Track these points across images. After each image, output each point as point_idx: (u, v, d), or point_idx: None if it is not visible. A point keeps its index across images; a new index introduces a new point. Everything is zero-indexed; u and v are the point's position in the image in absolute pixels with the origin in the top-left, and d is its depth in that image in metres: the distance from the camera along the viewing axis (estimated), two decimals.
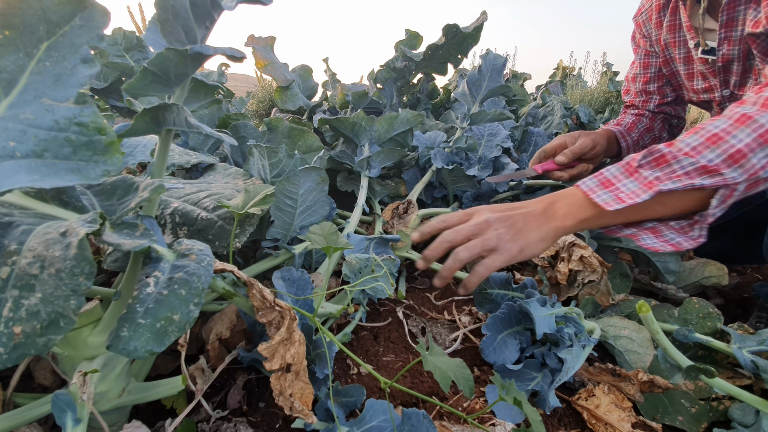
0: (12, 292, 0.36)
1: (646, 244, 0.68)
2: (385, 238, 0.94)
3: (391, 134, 1.25)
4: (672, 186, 0.62)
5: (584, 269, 0.93)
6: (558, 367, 0.76)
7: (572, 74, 3.94)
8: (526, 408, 0.50)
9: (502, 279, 0.92)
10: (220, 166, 0.99)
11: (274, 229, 0.85)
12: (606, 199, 0.65)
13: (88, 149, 0.35)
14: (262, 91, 2.43)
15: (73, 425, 0.44)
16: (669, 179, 0.63)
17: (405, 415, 0.57)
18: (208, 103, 0.72)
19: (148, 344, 0.39)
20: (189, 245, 0.50)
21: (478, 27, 1.52)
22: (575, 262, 0.93)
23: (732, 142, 0.61)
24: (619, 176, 0.67)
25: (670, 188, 0.62)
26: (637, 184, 0.65)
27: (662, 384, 0.70)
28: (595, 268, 0.92)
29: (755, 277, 1.29)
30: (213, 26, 0.56)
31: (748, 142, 0.61)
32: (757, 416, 0.67)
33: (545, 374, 0.76)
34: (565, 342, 0.76)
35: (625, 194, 0.64)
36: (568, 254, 0.95)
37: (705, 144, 0.62)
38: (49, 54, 0.35)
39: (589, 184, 0.69)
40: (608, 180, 0.68)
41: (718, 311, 0.84)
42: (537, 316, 0.76)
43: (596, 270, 0.92)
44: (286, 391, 0.54)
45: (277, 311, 0.56)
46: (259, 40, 1.81)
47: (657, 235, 0.69)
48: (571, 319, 0.80)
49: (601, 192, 0.67)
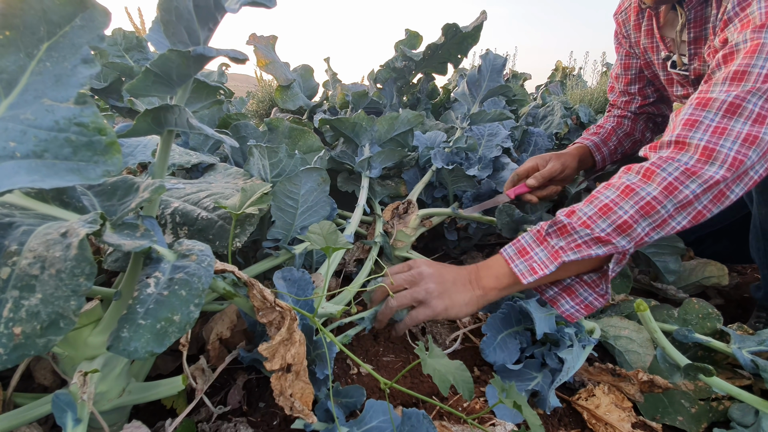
0: (12, 293, 0.36)
1: (563, 310, 0.77)
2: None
3: (392, 134, 1.25)
4: (573, 257, 0.70)
5: None
6: (558, 367, 0.76)
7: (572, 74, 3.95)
8: (526, 411, 0.50)
9: None
10: (220, 166, 0.99)
11: (275, 230, 0.85)
12: (522, 270, 0.73)
13: (88, 150, 0.35)
14: (263, 91, 2.43)
15: (74, 425, 0.44)
16: (570, 249, 0.70)
17: (405, 415, 0.57)
18: (210, 103, 0.72)
19: (148, 345, 0.39)
20: (189, 246, 0.50)
21: (478, 26, 1.52)
22: None
23: (619, 213, 0.68)
24: (532, 244, 0.74)
25: (572, 258, 0.70)
26: (546, 253, 0.72)
27: (662, 384, 0.70)
28: None
29: (755, 277, 1.29)
30: (216, 28, 0.55)
31: (632, 214, 0.67)
32: (756, 416, 0.68)
33: (545, 374, 0.76)
34: (565, 342, 0.76)
35: (537, 264, 0.72)
36: None
37: (598, 214, 0.70)
38: (49, 54, 0.35)
39: (509, 251, 0.76)
40: (524, 248, 0.74)
41: (718, 312, 0.84)
42: (537, 316, 0.77)
43: None
44: (287, 391, 0.54)
45: (277, 311, 0.56)
46: (260, 39, 1.80)
47: (573, 296, 0.77)
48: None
49: (518, 261, 0.74)
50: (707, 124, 0.67)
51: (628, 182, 0.70)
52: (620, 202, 0.68)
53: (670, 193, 0.66)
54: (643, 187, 0.68)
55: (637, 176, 0.70)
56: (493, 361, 0.79)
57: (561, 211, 0.73)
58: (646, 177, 0.69)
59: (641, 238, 0.68)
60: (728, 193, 0.67)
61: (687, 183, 0.65)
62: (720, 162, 0.64)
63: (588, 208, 0.71)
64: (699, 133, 0.67)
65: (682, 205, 0.66)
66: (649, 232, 0.68)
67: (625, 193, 0.69)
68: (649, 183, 0.68)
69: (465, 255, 1.30)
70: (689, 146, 0.67)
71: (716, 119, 0.66)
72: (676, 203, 0.66)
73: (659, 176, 0.67)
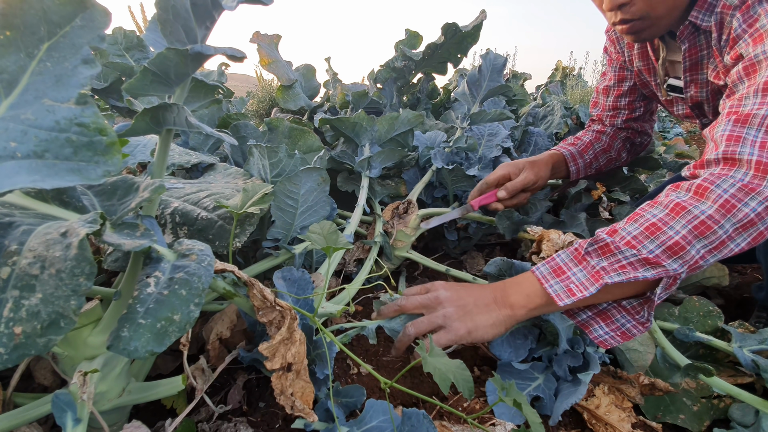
0: (12, 293, 0.36)
1: (596, 335, 0.70)
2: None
3: (392, 134, 1.25)
4: (617, 279, 0.63)
5: None
6: (565, 377, 0.75)
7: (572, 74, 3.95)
8: (526, 409, 0.50)
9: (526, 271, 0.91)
10: (220, 165, 0.99)
11: (275, 229, 0.85)
12: (557, 291, 0.67)
13: (88, 150, 0.35)
14: (263, 91, 2.43)
15: (73, 425, 0.44)
16: (614, 271, 0.64)
17: (405, 415, 0.57)
18: (209, 102, 0.72)
19: (148, 344, 0.39)
20: (189, 245, 0.50)
21: (478, 26, 1.52)
22: None
23: (669, 233, 0.62)
24: (569, 264, 0.68)
25: (615, 281, 0.63)
26: (585, 274, 0.66)
27: (663, 387, 0.70)
28: None
29: (755, 277, 1.29)
30: (213, 26, 0.55)
31: (684, 234, 0.61)
32: (756, 416, 0.67)
33: (548, 377, 0.75)
34: (578, 355, 0.75)
35: (575, 285, 0.66)
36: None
37: (644, 233, 0.63)
38: (50, 54, 0.35)
39: (542, 271, 0.70)
40: (560, 267, 0.68)
41: (719, 310, 0.84)
42: (561, 327, 0.76)
43: None
44: (287, 390, 0.54)
45: (277, 311, 0.56)
46: (264, 38, 1.80)
47: (608, 322, 0.70)
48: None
49: (553, 282, 0.68)
50: (752, 140, 0.63)
51: (678, 200, 0.64)
52: (670, 221, 0.62)
53: (728, 211, 0.60)
54: (697, 205, 0.62)
55: (687, 194, 0.64)
56: (498, 355, 0.78)
57: (601, 230, 0.68)
58: (698, 194, 0.63)
59: (695, 261, 0.62)
60: None
61: (746, 201, 0.60)
62: None
63: (632, 227, 0.65)
64: (747, 148, 0.63)
65: (742, 225, 0.60)
66: (704, 255, 0.62)
67: (676, 211, 0.63)
68: (703, 201, 0.62)
69: (465, 255, 1.30)
70: (740, 162, 0.62)
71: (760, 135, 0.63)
72: (735, 222, 0.60)
73: (714, 193, 0.61)
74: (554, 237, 0.92)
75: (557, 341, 0.78)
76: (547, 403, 0.73)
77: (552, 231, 0.93)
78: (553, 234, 0.92)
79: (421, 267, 1.19)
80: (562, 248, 0.95)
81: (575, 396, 0.69)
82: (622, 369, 0.80)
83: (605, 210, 1.47)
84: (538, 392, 0.74)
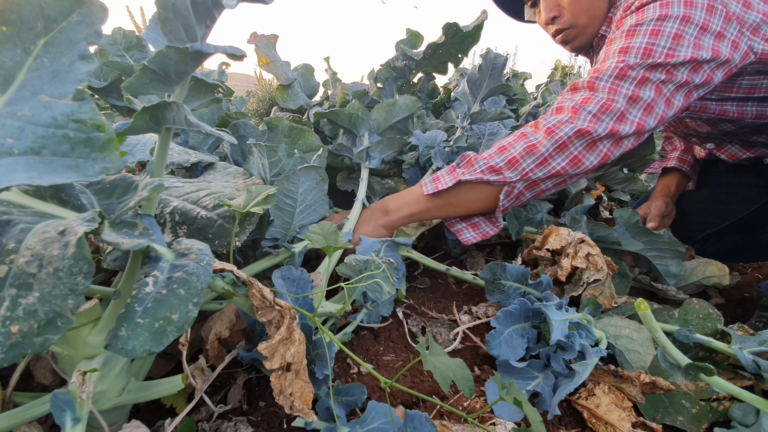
0: (9, 291, 0.36)
1: (464, 237, 0.98)
2: (397, 241, 0.98)
3: (391, 122, 1.23)
4: (469, 177, 0.91)
5: (588, 267, 0.93)
6: (564, 372, 0.75)
7: (572, 73, 3.94)
8: (526, 408, 0.50)
9: (519, 272, 0.92)
10: (219, 164, 0.98)
11: (274, 229, 0.85)
12: (427, 186, 0.95)
13: (86, 146, 0.35)
14: (262, 91, 2.43)
15: (73, 424, 0.44)
16: (469, 173, 0.91)
17: (407, 416, 0.57)
18: (208, 101, 0.71)
19: (146, 344, 0.39)
20: (188, 244, 0.49)
21: (479, 26, 1.52)
22: (581, 259, 0.93)
23: (511, 152, 0.89)
24: (444, 174, 0.96)
25: (468, 179, 0.91)
26: (451, 177, 0.93)
27: (664, 386, 0.70)
28: (600, 268, 0.92)
29: (756, 276, 1.29)
30: (213, 25, 0.55)
31: (520, 151, 0.88)
32: (757, 416, 0.67)
33: (547, 375, 0.75)
34: (574, 349, 0.75)
35: (439, 182, 0.94)
36: (575, 250, 0.95)
37: (496, 152, 0.91)
38: (46, 50, 0.35)
39: (425, 180, 0.97)
40: (437, 177, 0.96)
41: (718, 312, 0.84)
42: (554, 320, 0.76)
43: (600, 269, 0.92)
44: (287, 390, 0.54)
45: (276, 310, 0.56)
46: (261, 38, 1.80)
47: (475, 229, 0.99)
48: (584, 327, 0.80)
49: (428, 181, 0.96)
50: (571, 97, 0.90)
51: (523, 131, 0.91)
52: (514, 143, 0.90)
53: (549, 134, 0.86)
54: (532, 132, 0.90)
55: (529, 128, 0.91)
56: (497, 355, 0.79)
57: (471, 152, 0.96)
58: (535, 127, 0.90)
59: (526, 172, 0.88)
60: (598, 144, 0.86)
61: (561, 127, 0.86)
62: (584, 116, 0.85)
63: (491, 150, 0.93)
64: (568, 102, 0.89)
65: (559, 145, 0.86)
66: (533, 168, 0.88)
67: (519, 137, 0.90)
68: (537, 131, 0.89)
69: (465, 254, 1.30)
70: (565, 108, 0.88)
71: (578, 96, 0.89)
72: (554, 142, 0.86)
73: (542, 125, 0.89)
74: (563, 232, 0.99)
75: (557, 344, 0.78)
76: (546, 399, 0.73)
77: (562, 228, 1.00)
78: (563, 230, 0.99)
79: (422, 266, 1.19)
80: (570, 243, 0.96)
81: (571, 385, 0.70)
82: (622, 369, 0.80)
83: (605, 210, 1.47)
84: (537, 389, 0.74)
